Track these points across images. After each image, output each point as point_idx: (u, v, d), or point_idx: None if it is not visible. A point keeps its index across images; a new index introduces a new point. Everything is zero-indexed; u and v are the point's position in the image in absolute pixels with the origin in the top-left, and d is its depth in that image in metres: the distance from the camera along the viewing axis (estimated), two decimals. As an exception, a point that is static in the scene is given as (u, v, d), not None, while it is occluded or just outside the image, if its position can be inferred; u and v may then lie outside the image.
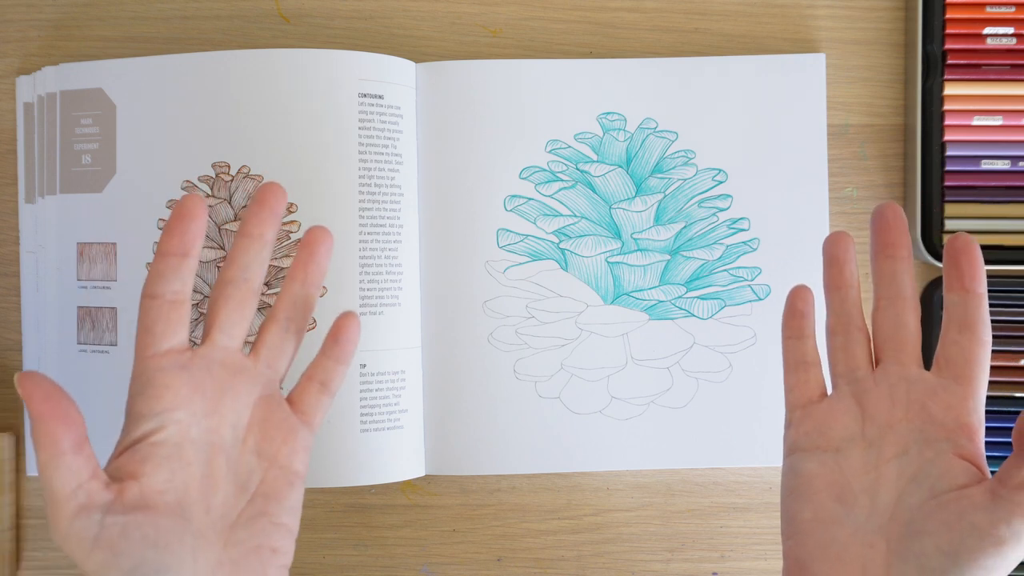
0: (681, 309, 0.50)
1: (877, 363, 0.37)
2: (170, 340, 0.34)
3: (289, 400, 0.38)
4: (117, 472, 0.33)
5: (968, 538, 0.31)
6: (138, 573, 0.31)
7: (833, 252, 0.37)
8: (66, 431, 0.31)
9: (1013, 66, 0.49)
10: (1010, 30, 0.49)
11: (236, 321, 0.36)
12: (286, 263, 0.47)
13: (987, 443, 0.49)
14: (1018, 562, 0.32)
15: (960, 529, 0.32)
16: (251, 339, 0.44)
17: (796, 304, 0.38)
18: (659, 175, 0.50)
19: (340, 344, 0.38)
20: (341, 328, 0.38)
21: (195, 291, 0.48)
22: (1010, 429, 0.49)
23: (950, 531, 0.32)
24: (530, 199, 0.50)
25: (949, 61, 0.49)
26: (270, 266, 0.47)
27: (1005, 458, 0.50)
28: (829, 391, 0.38)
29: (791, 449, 0.37)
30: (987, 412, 0.49)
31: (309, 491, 0.50)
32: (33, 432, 0.30)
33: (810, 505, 0.35)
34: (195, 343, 0.47)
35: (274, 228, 0.37)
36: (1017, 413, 0.49)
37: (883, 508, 0.34)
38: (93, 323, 0.49)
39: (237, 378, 0.36)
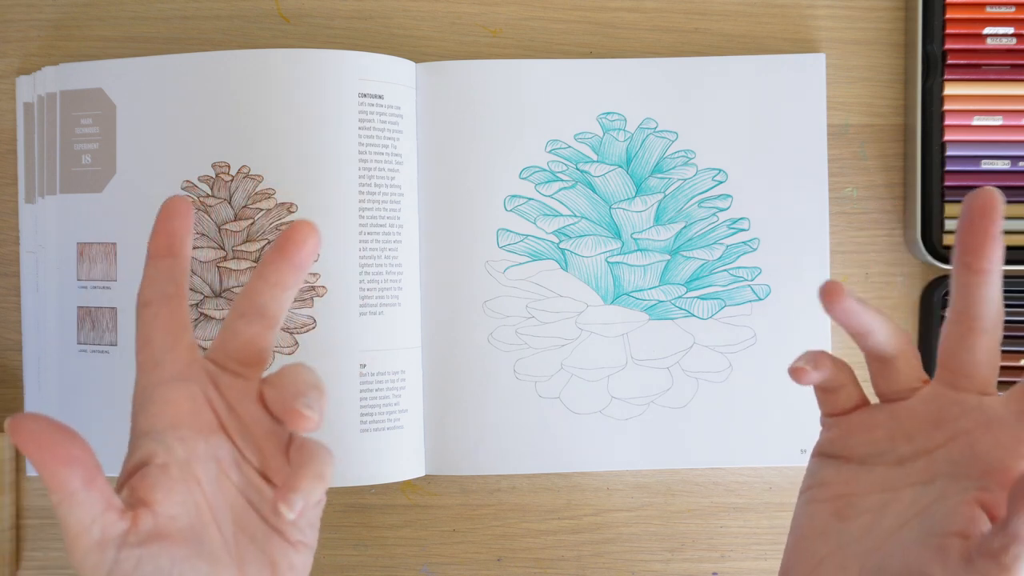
0: (681, 309, 0.50)
1: (934, 379, 0.34)
2: (172, 349, 0.32)
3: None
4: (130, 498, 0.31)
5: None
6: None
7: (835, 317, 0.33)
8: (72, 472, 0.29)
9: (1013, 66, 0.49)
10: (1010, 30, 0.49)
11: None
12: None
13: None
14: None
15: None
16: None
17: (801, 381, 0.34)
18: (659, 175, 0.50)
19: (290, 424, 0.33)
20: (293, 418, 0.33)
21: (195, 290, 0.48)
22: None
23: (908, 571, 0.30)
24: (530, 199, 0.50)
25: (949, 61, 0.49)
26: None
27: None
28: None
29: (816, 451, 0.36)
30: (987, 412, 0.49)
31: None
32: (41, 476, 0.29)
33: (808, 511, 0.34)
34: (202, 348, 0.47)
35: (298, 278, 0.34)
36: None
37: (880, 533, 0.32)
38: (93, 323, 0.49)
39: (246, 399, 0.33)
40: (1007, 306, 0.49)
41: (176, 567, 0.30)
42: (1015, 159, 0.49)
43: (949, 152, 0.49)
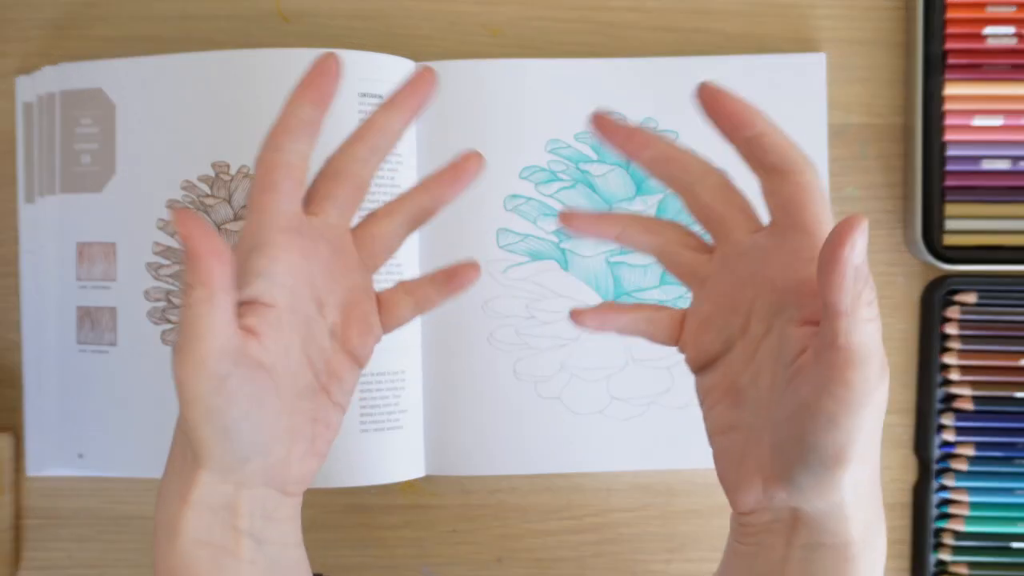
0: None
1: (715, 248, 0.35)
2: (292, 202, 0.34)
3: (378, 298, 0.37)
4: (241, 324, 0.32)
5: (807, 421, 0.29)
6: (235, 427, 0.31)
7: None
8: (221, 269, 0.29)
9: (1013, 66, 0.49)
10: (1010, 30, 0.49)
11: (349, 202, 0.36)
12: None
13: (985, 443, 0.49)
14: (873, 415, 0.29)
15: (799, 413, 0.30)
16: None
17: (581, 324, 0.37)
18: (659, 175, 0.50)
19: (453, 282, 0.37)
20: (461, 272, 0.37)
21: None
22: (1009, 429, 0.49)
23: (792, 415, 0.30)
24: (530, 199, 0.50)
25: (949, 61, 0.49)
26: None
27: (1001, 458, 0.50)
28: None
29: (693, 372, 0.36)
30: (987, 412, 0.49)
31: (309, 491, 0.50)
32: (191, 268, 0.29)
33: (711, 418, 0.35)
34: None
35: (403, 123, 0.37)
36: (1017, 414, 0.49)
37: (763, 399, 0.32)
38: (93, 323, 0.49)
39: (339, 259, 0.35)
40: (1007, 306, 0.49)
41: (261, 396, 0.31)
42: (1015, 159, 0.49)
43: (949, 152, 0.49)
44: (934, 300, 0.49)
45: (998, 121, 0.49)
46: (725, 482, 0.34)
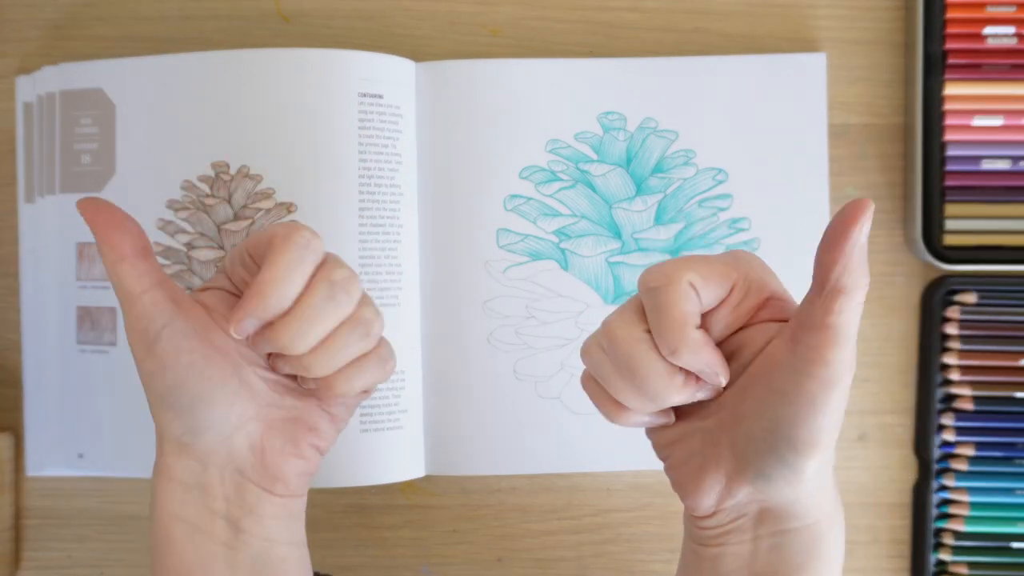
0: (681, 309, 0.50)
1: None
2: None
3: None
4: (196, 297, 0.35)
5: (780, 408, 0.29)
6: (174, 394, 0.33)
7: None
8: (124, 238, 0.32)
9: (1013, 66, 0.49)
10: (1010, 30, 0.49)
11: None
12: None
13: (985, 443, 0.49)
14: (843, 398, 0.29)
15: (771, 402, 0.30)
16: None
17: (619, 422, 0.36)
18: (659, 175, 0.50)
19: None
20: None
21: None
22: (1010, 430, 0.49)
23: (763, 406, 0.30)
24: (530, 199, 0.50)
25: (949, 61, 0.49)
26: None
27: (1001, 458, 0.50)
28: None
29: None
30: (986, 412, 0.49)
31: (309, 491, 0.50)
32: (97, 243, 0.32)
33: (661, 433, 0.35)
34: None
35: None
36: (1017, 414, 0.49)
37: (720, 403, 0.33)
38: (93, 323, 0.49)
39: None
40: (1007, 306, 0.49)
41: (208, 370, 0.33)
42: (1015, 159, 0.49)
43: (949, 152, 0.49)
44: (934, 300, 0.49)
45: (998, 121, 0.49)
46: (684, 488, 0.34)
